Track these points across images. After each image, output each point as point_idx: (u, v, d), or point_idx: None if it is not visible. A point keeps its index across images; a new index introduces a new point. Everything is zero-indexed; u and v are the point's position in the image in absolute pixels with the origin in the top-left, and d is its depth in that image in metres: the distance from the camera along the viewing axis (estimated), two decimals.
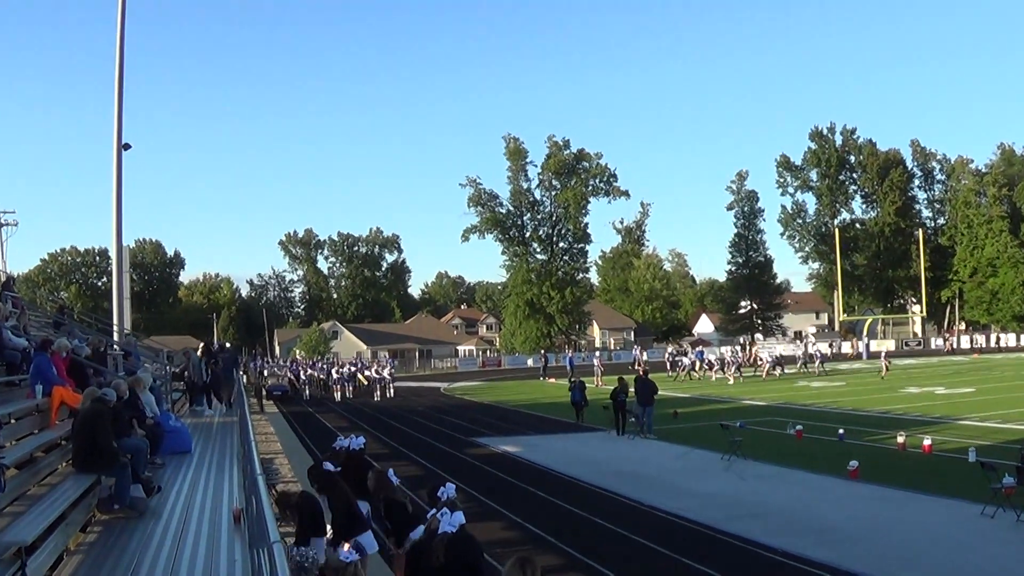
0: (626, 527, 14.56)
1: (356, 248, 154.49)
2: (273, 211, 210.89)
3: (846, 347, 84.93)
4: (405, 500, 10.10)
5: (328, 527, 9.52)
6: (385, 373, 51.36)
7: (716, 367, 51.72)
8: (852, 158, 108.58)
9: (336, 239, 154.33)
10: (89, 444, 9.38)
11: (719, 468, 20.03)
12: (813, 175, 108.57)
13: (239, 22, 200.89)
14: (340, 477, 10.31)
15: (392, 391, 49.39)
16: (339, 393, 49.55)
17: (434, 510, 7.45)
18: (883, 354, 54.14)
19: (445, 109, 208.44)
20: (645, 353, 68.97)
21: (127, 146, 25.37)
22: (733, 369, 49.84)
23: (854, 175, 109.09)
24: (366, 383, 51.94)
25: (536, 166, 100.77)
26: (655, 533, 14.09)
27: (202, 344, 25.87)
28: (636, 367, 50.18)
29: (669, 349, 71.55)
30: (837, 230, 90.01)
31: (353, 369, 55.31)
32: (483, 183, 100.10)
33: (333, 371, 53.95)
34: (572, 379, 32.10)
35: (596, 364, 53.91)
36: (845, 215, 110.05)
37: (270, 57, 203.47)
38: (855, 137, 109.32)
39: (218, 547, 8.28)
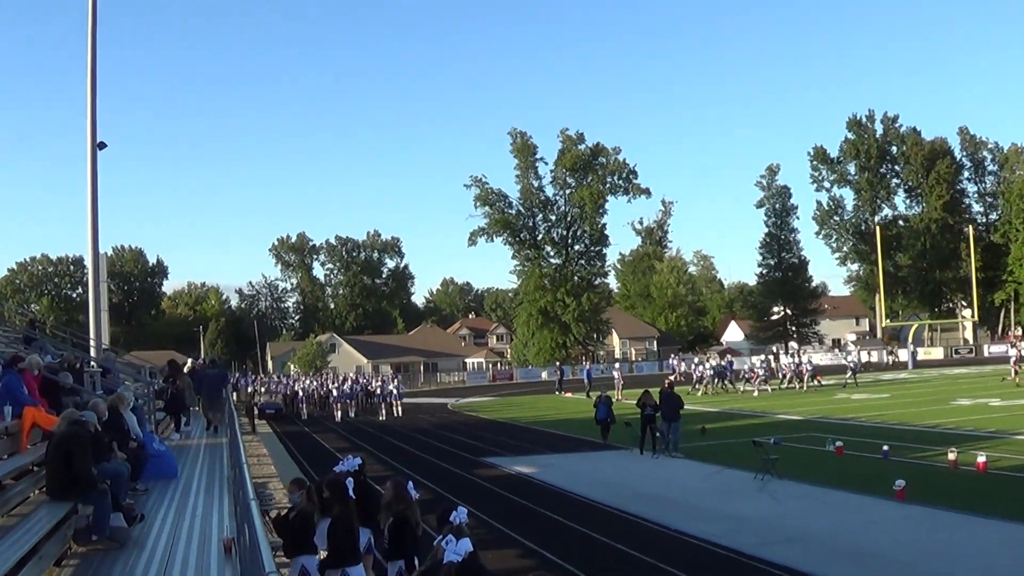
0: (652, 554, 14.50)
1: (355, 253, 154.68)
2: (263, 215, 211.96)
3: (902, 355, 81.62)
4: (418, 520, 10.03)
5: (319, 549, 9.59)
6: (392, 388, 50.38)
7: (760, 377, 50.50)
8: (894, 149, 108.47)
9: (333, 243, 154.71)
10: (64, 469, 9.37)
11: (752, 489, 19.93)
12: (851, 168, 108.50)
13: (224, 12, 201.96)
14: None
15: (400, 409, 48.74)
16: (340, 412, 49.12)
17: (440, 536, 7.42)
18: (1014, 358, 47.26)
19: (446, 102, 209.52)
20: (683, 363, 67.48)
21: (102, 145, 25.38)
22: (758, 381, 49.67)
23: (896, 167, 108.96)
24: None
25: (547, 163, 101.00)
26: (683, 560, 14.03)
27: (168, 361, 25.83)
28: (672, 379, 50.04)
29: (696, 360, 70.59)
30: (878, 228, 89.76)
31: (356, 386, 54.64)
32: (490, 182, 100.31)
33: (333, 387, 53.47)
34: (598, 394, 31.78)
35: (616, 377, 53.71)
36: (887, 211, 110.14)
37: (257, 50, 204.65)
38: (897, 126, 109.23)
39: None
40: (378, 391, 51.13)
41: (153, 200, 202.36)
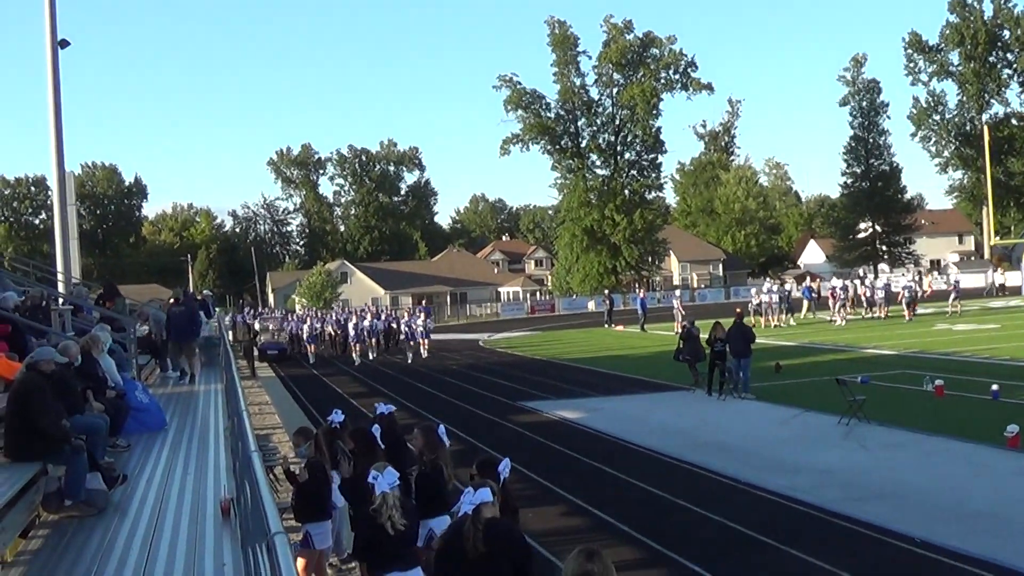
0: (719, 511, 14.48)
1: (368, 166, 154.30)
2: (260, 124, 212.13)
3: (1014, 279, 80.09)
4: (450, 473, 9.99)
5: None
6: (419, 325, 48.52)
7: (841, 301, 50.11)
8: (1007, 33, 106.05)
9: (345, 154, 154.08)
10: (25, 425, 9.33)
11: (836, 435, 19.86)
12: (954, 57, 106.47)
13: None
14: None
15: (426, 349, 47.81)
16: (359, 353, 47.73)
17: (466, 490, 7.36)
18: None
19: None
20: (773, 291, 54.59)
21: (64, 43, 25.10)
22: (838, 306, 49.64)
23: (1009, 56, 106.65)
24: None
25: (591, 57, 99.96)
26: (755, 519, 13.99)
27: (104, 281, 25.31)
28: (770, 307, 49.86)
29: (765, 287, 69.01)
30: (986, 128, 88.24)
31: (378, 322, 52.98)
32: (523, 82, 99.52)
33: (351, 324, 51.14)
34: (683, 323, 30.76)
35: (676, 307, 53.65)
36: (997, 108, 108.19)
37: None
38: (1010, 4, 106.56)
39: (202, 548, 8.30)
40: (405, 329, 49.54)
41: (127, 109, 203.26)
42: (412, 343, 47.54)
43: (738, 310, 29.22)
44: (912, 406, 22.88)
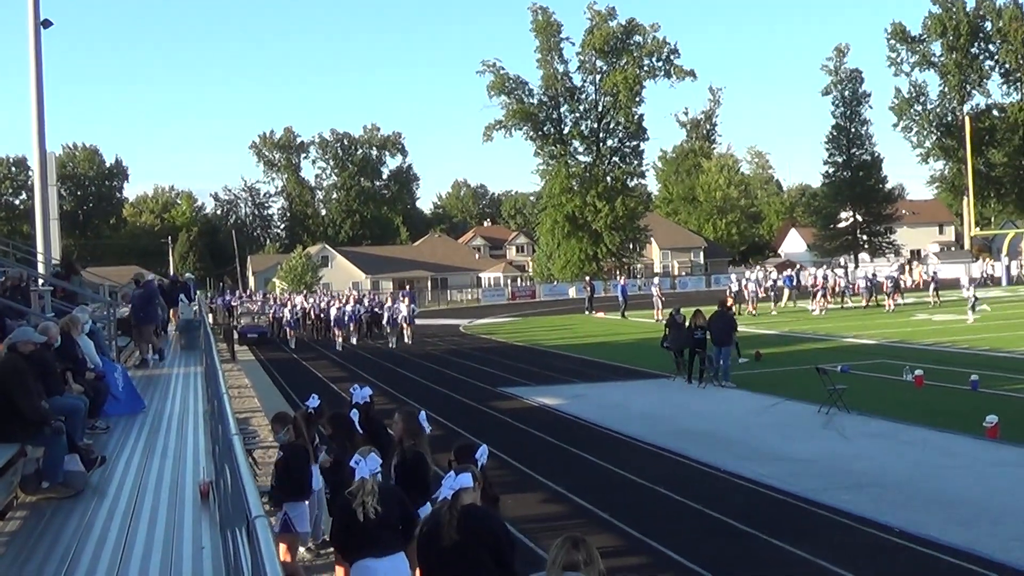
0: (698, 499, 14.52)
1: (350, 151, 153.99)
2: (242, 107, 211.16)
3: (994, 268, 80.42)
4: (431, 459, 9.97)
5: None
6: (402, 311, 47.85)
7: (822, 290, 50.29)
8: (988, 24, 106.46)
9: (327, 139, 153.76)
10: (4, 407, 9.26)
11: (815, 424, 19.94)
12: (936, 48, 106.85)
13: None
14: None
15: (410, 335, 47.03)
16: (341, 338, 47.17)
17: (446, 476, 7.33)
18: None
19: None
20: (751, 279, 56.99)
21: (47, 23, 24.94)
22: (819, 295, 49.82)
23: (991, 47, 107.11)
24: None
25: (574, 44, 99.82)
26: (735, 507, 14.03)
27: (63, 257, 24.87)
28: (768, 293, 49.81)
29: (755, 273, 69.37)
30: (968, 119, 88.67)
31: (361, 307, 52.88)
32: (506, 68, 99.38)
33: (333, 308, 51.17)
34: (663, 310, 30.26)
35: (655, 294, 53.61)
36: (979, 99, 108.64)
37: None
38: None
39: (180, 531, 8.24)
40: (387, 314, 48.73)
41: (109, 90, 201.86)
42: (394, 329, 46.81)
43: (729, 300, 29.20)
44: (891, 396, 22.99)
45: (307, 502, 11.06)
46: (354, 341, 48.14)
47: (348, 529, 8.10)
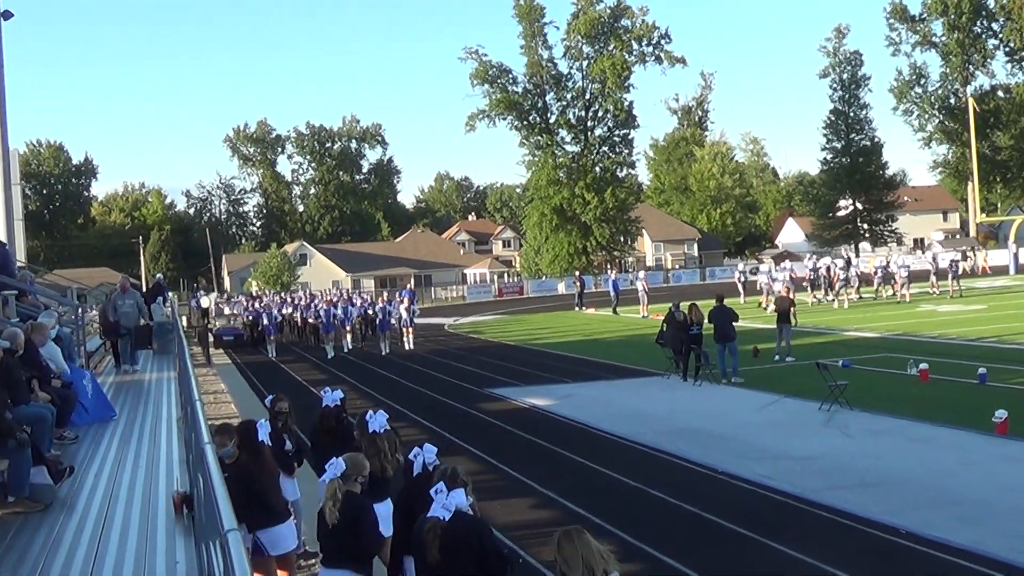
0: (695, 502, 14.53)
1: (328, 144, 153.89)
2: (215, 100, 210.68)
3: (1001, 257, 79.38)
4: (387, 458, 9.85)
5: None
6: (401, 311, 44.28)
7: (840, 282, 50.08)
8: (991, 2, 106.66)
9: (304, 132, 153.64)
10: None
11: (816, 422, 19.96)
12: (937, 27, 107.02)
13: None
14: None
15: (411, 340, 43.44)
16: (331, 345, 43.13)
17: (435, 485, 7.28)
18: None
19: None
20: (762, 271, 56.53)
21: (8, 14, 24.92)
22: (839, 287, 49.71)
23: (994, 26, 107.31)
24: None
25: (559, 29, 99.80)
26: (734, 509, 14.04)
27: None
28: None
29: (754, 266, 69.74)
30: (971, 101, 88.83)
31: (352, 307, 47.73)
32: (489, 55, 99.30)
33: (320, 309, 47.26)
34: (671, 307, 29.72)
35: (641, 289, 53.04)
36: (983, 80, 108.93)
37: None
38: None
39: (153, 545, 8.28)
40: (379, 316, 44.18)
41: (75, 84, 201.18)
42: (387, 332, 42.98)
43: (764, 299, 28.99)
44: (896, 391, 23.02)
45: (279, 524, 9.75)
46: (348, 348, 44.45)
47: (319, 531, 8.13)
